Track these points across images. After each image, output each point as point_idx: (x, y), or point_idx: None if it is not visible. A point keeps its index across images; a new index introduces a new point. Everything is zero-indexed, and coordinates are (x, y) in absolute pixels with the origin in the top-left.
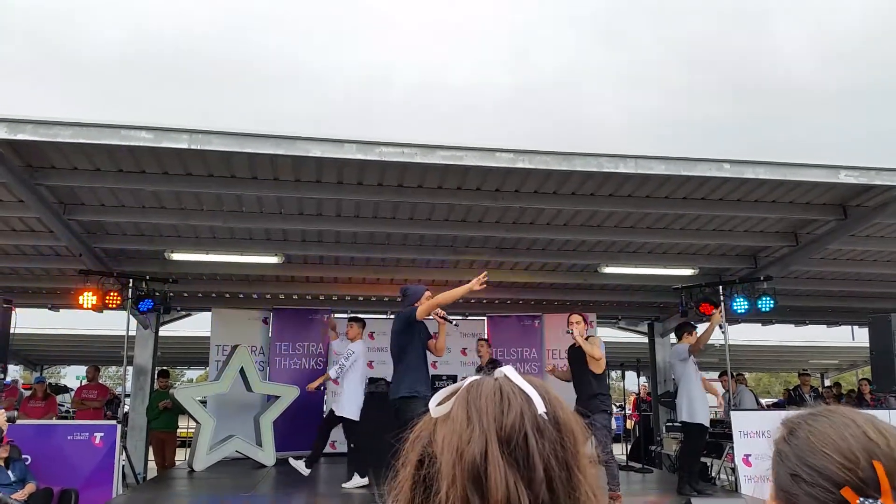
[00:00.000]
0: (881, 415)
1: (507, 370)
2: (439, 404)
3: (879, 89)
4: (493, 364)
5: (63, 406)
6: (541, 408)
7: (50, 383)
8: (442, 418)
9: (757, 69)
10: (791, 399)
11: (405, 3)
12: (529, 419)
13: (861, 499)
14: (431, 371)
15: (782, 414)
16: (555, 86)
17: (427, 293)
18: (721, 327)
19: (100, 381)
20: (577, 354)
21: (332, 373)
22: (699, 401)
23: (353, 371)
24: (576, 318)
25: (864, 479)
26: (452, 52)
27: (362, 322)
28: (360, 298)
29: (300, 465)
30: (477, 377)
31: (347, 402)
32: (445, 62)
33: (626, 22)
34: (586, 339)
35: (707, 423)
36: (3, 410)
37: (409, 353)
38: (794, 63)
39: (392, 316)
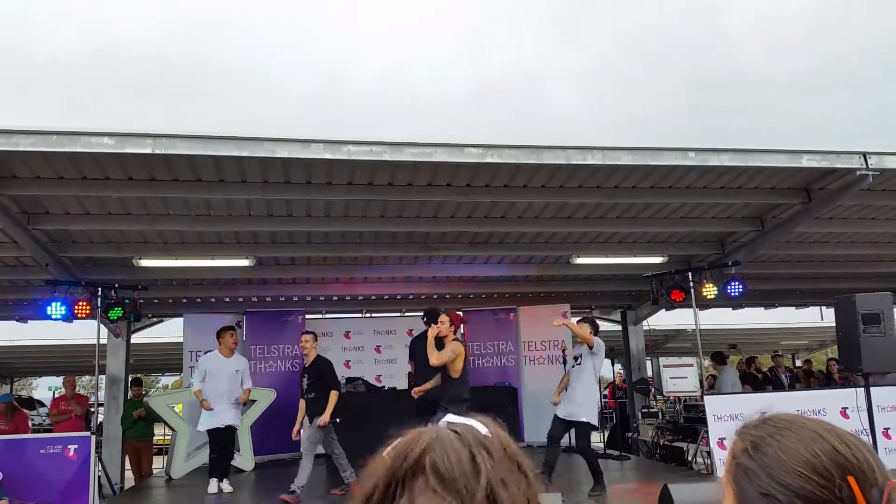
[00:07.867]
0: (849, 394)
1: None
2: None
3: (831, 76)
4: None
5: (34, 421)
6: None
7: (20, 396)
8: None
9: (711, 61)
10: (767, 379)
11: (362, 2)
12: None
13: None
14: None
15: (754, 397)
16: (516, 81)
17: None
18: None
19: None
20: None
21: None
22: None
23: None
24: (442, 318)
25: (841, 497)
26: (412, 50)
27: (228, 331)
28: (335, 298)
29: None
30: (436, 433)
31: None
32: (405, 59)
33: (580, 19)
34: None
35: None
36: None
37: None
38: (747, 54)
39: (367, 315)
